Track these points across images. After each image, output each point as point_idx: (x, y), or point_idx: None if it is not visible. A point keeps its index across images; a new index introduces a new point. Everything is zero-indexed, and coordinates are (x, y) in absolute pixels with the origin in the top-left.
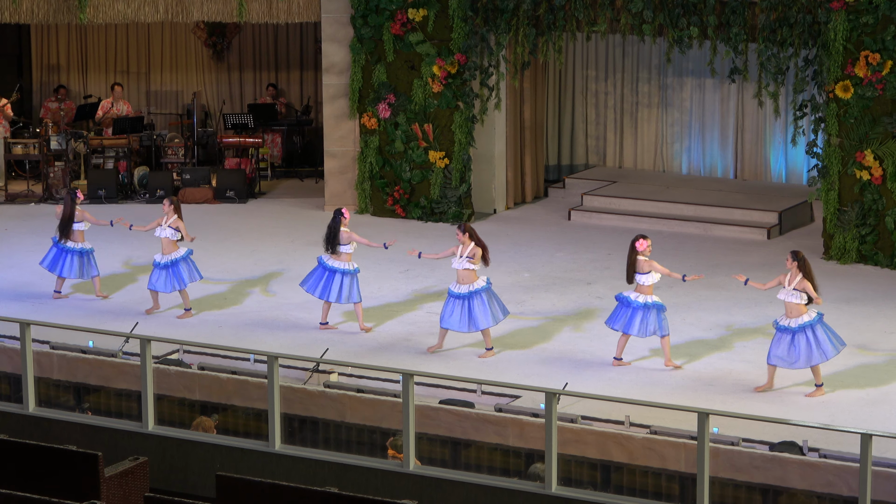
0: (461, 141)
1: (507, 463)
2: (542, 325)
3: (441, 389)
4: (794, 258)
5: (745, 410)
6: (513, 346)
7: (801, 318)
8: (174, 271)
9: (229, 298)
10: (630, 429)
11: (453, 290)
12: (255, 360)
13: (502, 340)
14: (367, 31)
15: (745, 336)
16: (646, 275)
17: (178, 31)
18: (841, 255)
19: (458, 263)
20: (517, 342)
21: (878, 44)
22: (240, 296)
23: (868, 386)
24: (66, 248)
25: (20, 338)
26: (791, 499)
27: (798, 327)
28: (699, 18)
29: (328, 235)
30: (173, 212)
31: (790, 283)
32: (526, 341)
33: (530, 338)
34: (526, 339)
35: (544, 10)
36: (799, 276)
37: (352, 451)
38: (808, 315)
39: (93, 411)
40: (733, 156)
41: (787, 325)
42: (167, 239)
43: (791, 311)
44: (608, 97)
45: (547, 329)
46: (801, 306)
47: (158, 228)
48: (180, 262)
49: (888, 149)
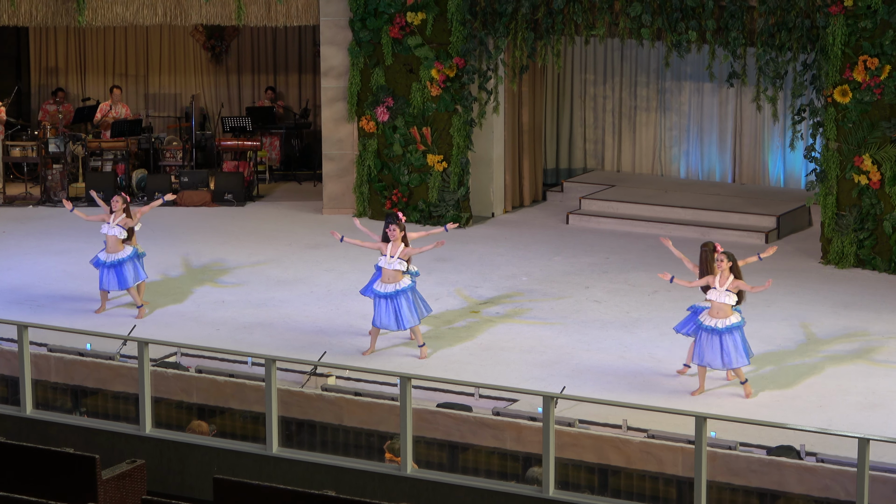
0: (459, 144)
1: (504, 466)
2: (540, 328)
3: (438, 393)
4: (729, 259)
5: (743, 415)
6: (510, 349)
7: (729, 319)
8: (118, 271)
9: (226, 301)
10: (627, 433)
11: (379, 290)
12: (252, 364)
13: (499, 343)
14: (366, 35)
15: None
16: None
17: (177, 34)
18: (839, 259)
19: (389, 264)
20: (514, 345)
21: (877, 48)
22: (237, 299)
23: (865, 390)
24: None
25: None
26: (788, 503)
27: (725, 329)
28: (697, 22)
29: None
30: (122, 211)
31: (722, 284)
32: (523, 344)
33: (527, 341)
34: (523, 342)
35: (543, 14)
36: (731, 276)
37: (349, 455)
38: (735, 317)
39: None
40: (731, 160)
41: (714, 325)
42: (114, 237)
43: (718, 312)
44: (606, 101)
45: (544, 332)
46: (729, 307)
47: (105, 226)
48: (126, 262)
49: (886, 153)
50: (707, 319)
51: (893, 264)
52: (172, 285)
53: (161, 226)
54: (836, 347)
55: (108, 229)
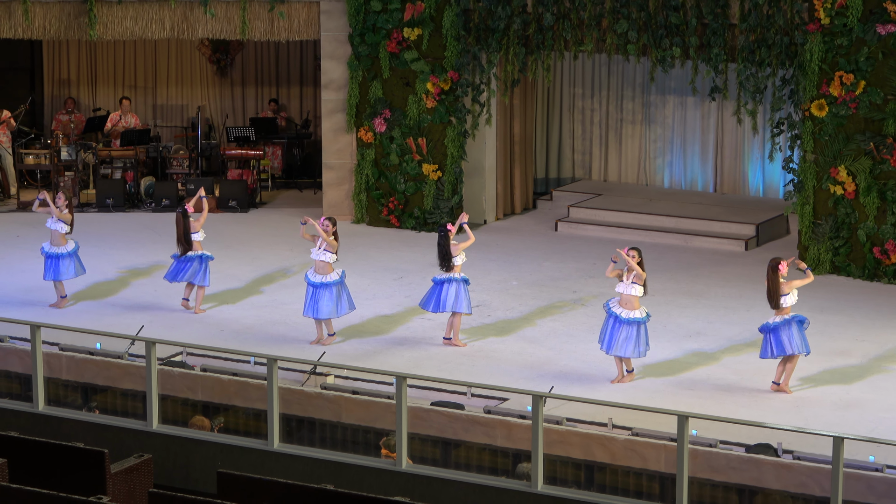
0: (453, 154)
1: (495, 462)
2: (529, 330)
3: (433, 392)
4: (640, 254)
5: (723, 414)
6: (501, 350)
7: (635, 312)
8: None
9: (231, 303)
10: (613, 430)
11: (310, 279)
12: (255, 363)
13: (491, 345)
14: (365, 49)
15: (722, 342)
16: (787, 296)
17: (184, 48)
18: (815, 266)
19: (317, 255)
20: (505, 346)
21: (852, 64)
22: (241, 301)
23: (840, 391)
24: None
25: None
26: (766, 499)
27: (632, 320)
28: (681, 39)
29: (442, 254)
30: (65, 206)
31: (629, 277)
32: (513, 346)
33: (518, 343)
34: (513, 343)
35: (534, 31)
36: (637, 269)
37: (347, 450)
38: (640, 312)
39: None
40: (713, 170)
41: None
42: (57, 232)
43: (627, 304)
44: (594, 114)
45: (534, 334)
46: (637, 300)
47: (50, 220)
48: (66, 255)
49: (861, 165)
50: (615, 306)
51: (867, 271)
52: (179, 287)
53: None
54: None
55: (52, 224)
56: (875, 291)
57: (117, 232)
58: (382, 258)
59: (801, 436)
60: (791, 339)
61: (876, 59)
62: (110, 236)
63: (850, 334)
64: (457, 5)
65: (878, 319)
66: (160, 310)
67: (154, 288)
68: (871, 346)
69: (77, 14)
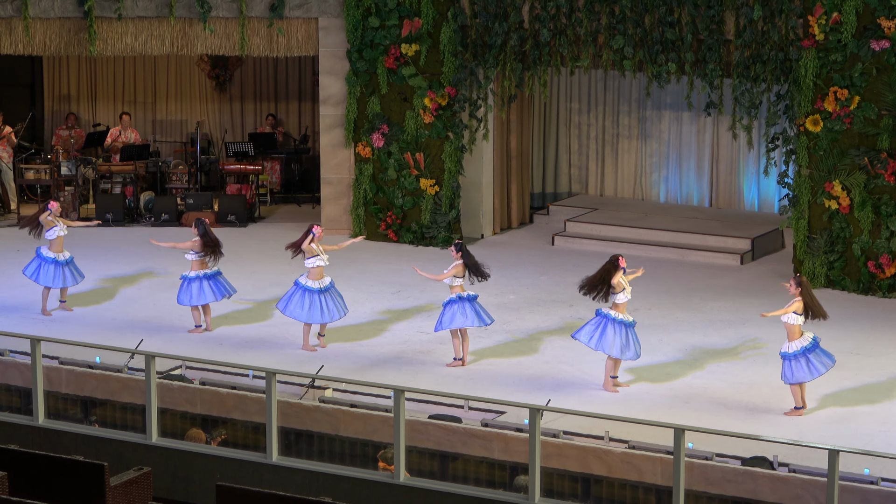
0: (451, 169)
1: (492, 475)
2: (527, 344)
3: (430, 405)
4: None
5: (719, 427)
6: (498, 364)
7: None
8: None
9: (230, 317)
10: (609, 443)
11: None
12: (253, 376)
13: (489, 359)
14: (363, 65)
15: (718, 356)
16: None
17: (183, 64)
18: (810, 280)
19: (312, 263)
20: (503, 360)
21: (846, 80)
22: (240, 314)
23: (836, 404)
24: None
25: (31, 353)
26: None
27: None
28: (677, 55)
29: (475, 268)
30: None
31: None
32: (511, 360)
33: (515, 356)
34: (511, 357)
35: (530, 46)
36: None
37: (345, 463)
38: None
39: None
40: (709, 185)
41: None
42: (61, 238)
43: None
44: (590, 128)
45: (531, 348)
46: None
47: (55, 229)
48: (63, 264)
49: (855, 179)
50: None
51: (862, 285)
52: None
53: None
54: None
55: (59, 232)
56: (869, 305)
57: (118, 246)
58: (380, 272)
59: (796, 448)
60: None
61: (870, 75)
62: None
63: (846, 348)
64: (454, 21)
65: (872, 333)
66: (159, 323)
67: (153, 302)
68: (866, 359)
69: (77, 30)
